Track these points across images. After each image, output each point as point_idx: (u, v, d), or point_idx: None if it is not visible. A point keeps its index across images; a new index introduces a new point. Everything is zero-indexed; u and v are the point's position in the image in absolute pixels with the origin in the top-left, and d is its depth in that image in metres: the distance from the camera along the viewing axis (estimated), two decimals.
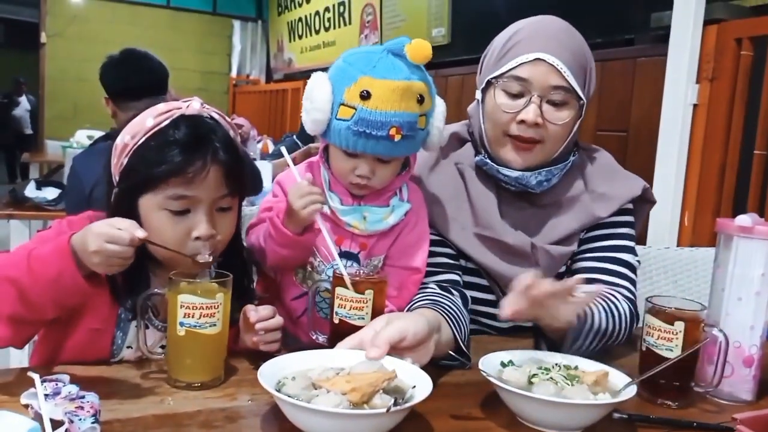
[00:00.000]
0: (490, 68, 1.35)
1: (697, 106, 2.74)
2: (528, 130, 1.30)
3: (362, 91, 1.19)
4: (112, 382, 1.04)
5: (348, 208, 1.30)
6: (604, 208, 1.41)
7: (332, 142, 1.27)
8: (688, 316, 1.12)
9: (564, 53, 1.29)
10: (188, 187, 1.09)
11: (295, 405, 0.86)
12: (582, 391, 0.99)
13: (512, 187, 1.38)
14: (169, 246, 1.10)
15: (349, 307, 1.15)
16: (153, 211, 1.12)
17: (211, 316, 1.03)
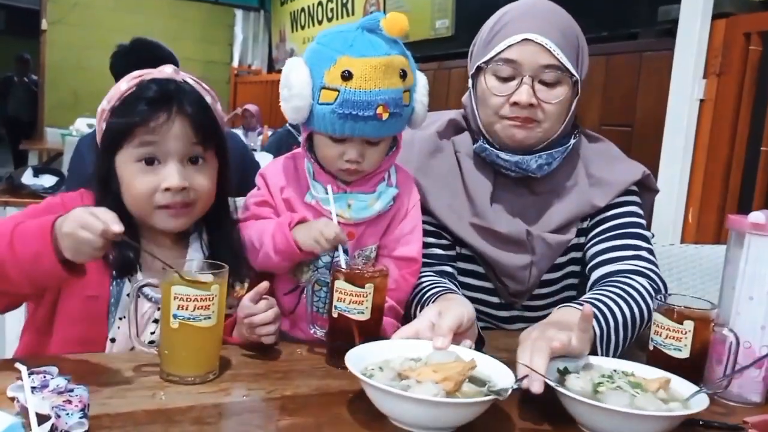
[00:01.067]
0: (479, 53, 1.34)
1: (704, 101, 2.70)
2: (522, 111, 1.28)
3: (343, 71, 1.15)
4: (102, 375, 1.01)
5: (337, 197, 1.25)
6: (602, 195, 1.38)
7: (317, 130, 1.22)
8: (697, 315, 1.09)
9: (552, 32, 1.28)
10: (153, 134, 1.13)
11: (398, 395, 0.87)
12: (652, 400, 0.95)
13: (512, 172, 1.36)
14: (139, 199, 1.14)
15: (349, 300, 1.11)
16: (126, 165, 1.15)
17: (206, 309, 1.00)
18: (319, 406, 0.98)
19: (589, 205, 1.38)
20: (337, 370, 1.12)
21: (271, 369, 1.10)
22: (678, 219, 2.79)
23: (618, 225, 1.38)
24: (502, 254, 1.36)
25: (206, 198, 1.20)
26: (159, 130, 1.13)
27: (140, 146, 1.14)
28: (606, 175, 1.40)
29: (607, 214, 1.39)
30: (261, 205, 1.30)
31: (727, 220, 1.15)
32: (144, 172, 1.14)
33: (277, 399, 0.99)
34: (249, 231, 1.27)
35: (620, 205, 1.40)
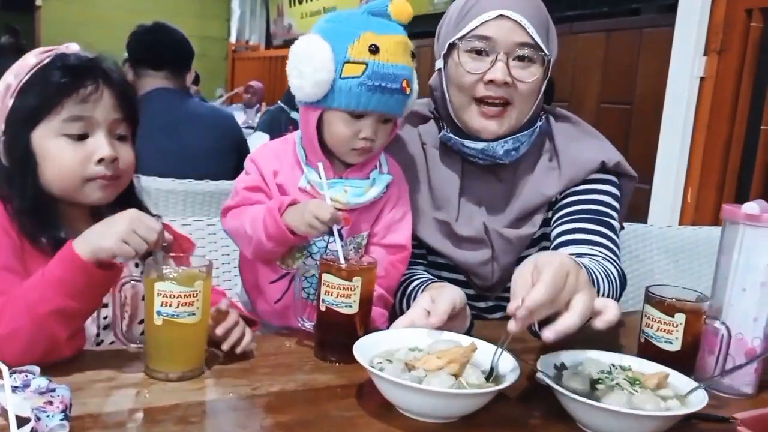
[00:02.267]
0: (451, 31, 1.30)
1: (704, 78, 2.67)
2: (498, 90, 1.26)
3: (370, 45, 1.17)
4: (86, 373, 1.00)
5: (328, 182, 1.24)
6: (558, 182, 1.35)
7: (335, 107, 1.20)
8: (689, 307, 1.08)
9: (527, 9, 1.25)
10: (84, 106, 1.09)
11: (413, 388, 0.89)
12: (651, 398, 0.94)
13: (479, 160, 1.33)
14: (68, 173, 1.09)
15: (336, 294, 1.10)
16: (49, 140, 1.10)
17: (190, 305, 0.99)
18: (305, 403, 0.97)
19: (539, 195, 1.34)
20: (325, 363, 1.11)
21: (258, 363, 1.09)
22: (677, 198, 2.77)
23: (588, 210, 1.34)
24: (459, 252, 1.34)
25: (129, 173, 1.18)
26: (88, 102, 1.09)
27: (69, 120, 1.09)
28: (571, 153, 1.36)
29: (574, 198, 1.35)
30: (252, 191, 1.28)
31: (722, 210, 1.13)
32: (72, 145, 1.10)
33: (262, 396, 0.98)
34: (241, 218, 1.25)
35: (590, 191, 1.36)
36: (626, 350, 1.17)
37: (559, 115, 1.43)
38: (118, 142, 1.14)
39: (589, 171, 1.35)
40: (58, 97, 1.08)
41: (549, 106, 1.44)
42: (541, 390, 1.00)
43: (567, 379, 1.00)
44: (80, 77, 1.09)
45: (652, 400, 0.93)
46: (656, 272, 2.03)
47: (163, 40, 2.51)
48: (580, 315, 0.94)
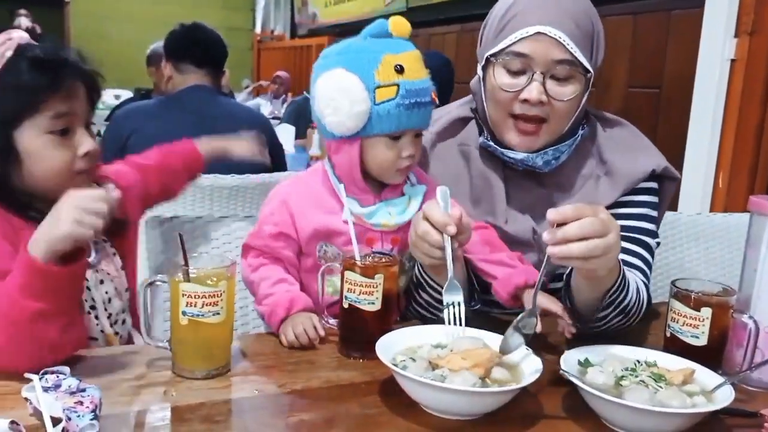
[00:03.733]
0: (489, 43, 1.27)
1: (735, 61, 2.60)
2: (532, 108, 1.23)
3: (396, 65, 1.16)
4: (114, 372, 1.02)
5: (372, 209, 1.24)
6: (611, 190, 1.32)
7: (375, 133, 1.18)
8: (715, 301, 1.06)
9: (567, 23, 1.20)
10: (66, 102, 1.12)
11: (436, 386, 0.90)
12: (677, 395, 0.93)
13: (519, 167, 1.31)
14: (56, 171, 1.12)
15: (359, 291, 1.11)
16: (34, 139, 1.12)
17: (214, 305, 1.00)
18: (329, 400, 0.98)
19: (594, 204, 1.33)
20: (348, 360, 1.12)
21: (283, 361, 1.11)
22: (708, 184, 2.71)
23: (624, 227, 1.29)
24: None
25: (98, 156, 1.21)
26: (70, 96, 1.12)
27: (55, 118, 1.11)
28: (618, 165, 1.33)
29: (615, 212, 1.32)
30: (276, 239, 1.25)
31: (749, 202, 1.10)
32: (56, 143, 1.12)
33: (287, 393, 0.99)
34: (255, 285, 1.25)
35: (631, 204, 1.33)
36: (652, 344, 1.16)
37: (603, 118, 1.40)
38: (87, 131, 1.18)
39: (641, 181, 1.33)
40: (45, 94, 1.10)
41: (597, 111, 1.40)
42: (564, 387, 1.00)
43: (591, 375, 0.99)
44: (60, 75, 1.11)
45: (677, 397, 0.92)
46: (686, 261, 2.00)
47: (203, 39, 2.57)
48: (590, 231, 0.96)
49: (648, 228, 1.33)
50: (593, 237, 0.96)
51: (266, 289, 1.23)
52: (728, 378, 0.98)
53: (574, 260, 0.99)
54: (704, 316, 1.05)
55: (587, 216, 0.97)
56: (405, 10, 5.10)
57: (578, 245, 0.96)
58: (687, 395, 0.94)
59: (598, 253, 0.97)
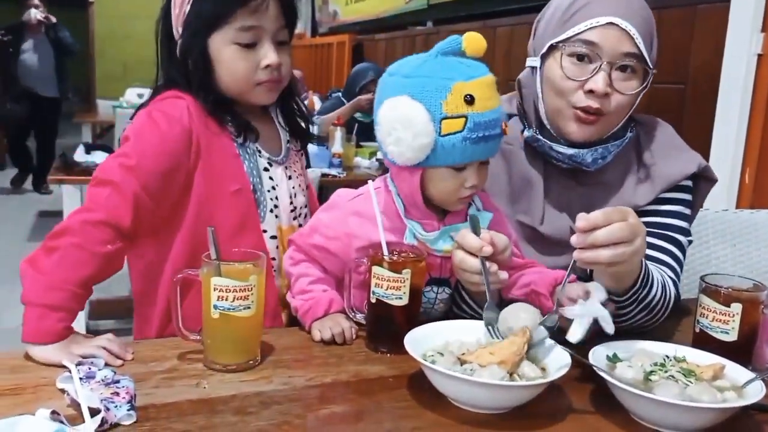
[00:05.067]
0: (552, 31, 1.25)
1: (762, 56, 2.56)
2: (596, 101, 1.21)
3: (465, 96, 1.09)
4: (147, 364, 1.04)
5: (435, 235, 1.19)
6: (648, 192, 1.31)
7: (438, 165, 1.13)
8: (745, 297, 1.06)
9: (635, 17, 1.19)
10: (254, 16, 1.21)
11: (464, 379, 0.91)
12: (707, 390, 0.93)
13: (563, 164, 1.30)
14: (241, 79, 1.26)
15: (387, 286, 1.12)
16: (223, 47, 1.23)
17: (245, 299, 1.02)
18: (357, 394, 1.00)
19: (632, 204, 1.29)
20: (376, 354, 1.13)
21: (312, 354, 1.12)
22: (734, 180, 2.68)
23: (658, 224, 1.31)
24: (543, 258, 1.30)
25: (288, 75, 1.32)
26: (257, 11, 1.21)
27: (241, 30, 1.22)
28: (658, 167, 1.32)
29: (650, 208, 1.32)
30: (320, 251, 1.24)
31: None
32: (243, 53, 1.23)
33: (316, 386, 1.00)
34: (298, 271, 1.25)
35: (665, 201, 1.33)
36: (681, 340, 1.16)
37: (648, 123, 1.39)
38: (279, 47, 1.27)
39: (683, 176, 1.33)
40: (233, 7, 1.20)
41: (640, 116, 1.39)
42: (593, 381, 1.00)
43: (620, 370, 0.99)
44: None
45: (708, 392, 0.92)
46: (713, 258, 1.98)
47: None
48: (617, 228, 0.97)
49: (681, 225, 1.33)
50: (621, 243, 0.97)
51: (304, 286, 1.23)
52: (759, 374, 0.97)
53: (601, 265, 0.99)
54: (734, 311, 1.05)
55: (615, 221, 0.98)
56: (426, 7, 5.09)
57: (606, 251, 0.97)
58: (717, 390, 0.93)
59: (625, 259, 0.99)
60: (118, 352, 1.05)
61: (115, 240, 1.12)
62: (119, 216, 1.13)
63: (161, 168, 1.19)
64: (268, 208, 1.32)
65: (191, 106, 1.23)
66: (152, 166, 1.18)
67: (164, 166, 1.19)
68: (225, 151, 1.27)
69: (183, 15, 1.24)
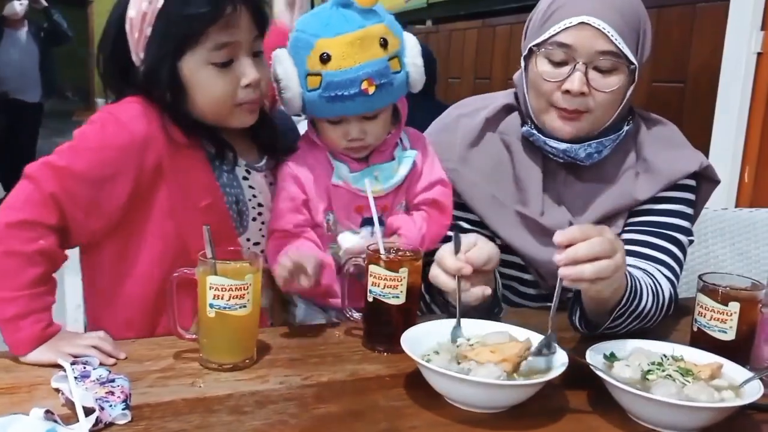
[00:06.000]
0: (533, 34, 1.26)
1: (762, 54, 2.56)
2: (573, 100, 1.22)
3: (321, 54, 1.14)
4: (143, 363, 1.04)
5: (358, 174, 1.24)
6: (648, 186, 1.31)
7: (313, 115, 1.24)
8: (743, 296, 1.06)
9: (612, 14, 1.19)
10: (227, 32, 1.10)
11: (463, 380, 0.91)
12: (704, 389, 0.92)
13: (559, 158, 1.31)
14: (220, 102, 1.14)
15: (384, 285, 1.11)
16: (197, 69, 1.12)
17: (241, 298, 1.01)
18: (354, 393, 0.99)
19: (631, 198, 1.31)
20: (373, 353, 1.13)
21: (308, 353, 1.11)
22: (733, 179, 2.68)
23: (657, 223, 1.31)
24: (543, 250, 1.30)
25: (267, 90, 1.22)
26: (230, 25, 1.10)
27: (215, 49, 1.11)
28: (659, 163, 1.32)
29: (651, 207, 1.32)
30: (298, 212, 1.26)
31: None
32: (220, 73, 1.13)
33: (312, 386, 1.00)
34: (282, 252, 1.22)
35: (667, 200, 1.32)
36: (679, 339, 1.15)
37: (648, 118, 1.39)
38: (256, 59, 1.16)
39: (679, 179, 1.32)
40: (204, 24, 1.08)
41: (641, 110, 1.39)
42: (590, 380, 0.99)
43: (617, 369, 0.99)
44: (219, 3, 1.08)
45: (705, 391, 0.92)
46: (711, 256, 1.97)
47: None
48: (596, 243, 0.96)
49: (681, 225, 1.32)
50: (602, 257, 0.96)
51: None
52: (757, 373, 0.97)
53: (585, 282, 0.98)
54: (732, 310, 1.05)
55: (593, 236, 0.97)
56: (425, 6, 5.08)
57: (589, 267, 0.95)
58: (715, 390, 0.93)
59: (608, 274, 0.97)
60: (110, 350, 1.04)
61: (44, 235, 1.05)
62: (41, 214, 1.05)
63: (92, 176, 1.08)
64: (250, 216, 1.24)
65: (153, 113, 1.13)
66: (82, 172, 1.08)
67: (96, 174, 1.09)
68: (194, 163, 1.17)
69: (144, 39, 1.12)
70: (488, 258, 1.13)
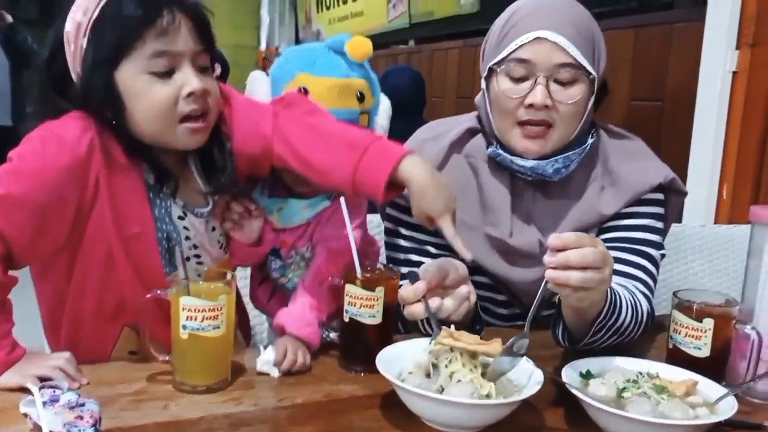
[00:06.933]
0: (491, 54, 1.28)
1: (737, 73, 2.60)
2: (538, 113, 1.23)
3: (299, 88, 1.18)
4: (115, 386, 1.02)
5: (268, 201, 1.27)
6: (614, 200, 1.31)
7: None
8: (717, 312, 1.06)
9: (566, 28, 1.21)
10: (164, 39, 1.03)
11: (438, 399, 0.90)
12: (679, 406, 0.92)
13: (527, 176, 1.31)
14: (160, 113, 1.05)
15: (360, 305, 1.11)
16: (135, 79, 1.04)
17: (215, 319, 1.00)
18: (330, 414, 0.98)
19: (597, 213, 1.32)
20: (350, 374, 1.12)
21: (285, 374, 1.10)
22: (711, 195, 2.71)
23: (628, 238, 1.31)
24: (514, 270, 1.31)
25: (217, 109, 1.13)
26: (168, 32, 1.03)
27: (153, 57, 1.03)
28: (624, 173, 1.32)
29: (620, 223, 1.32)
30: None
31: (750, 212, 1.10)
32: (159, 81, 1.04)
33: (287, 408, 0.99)
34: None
35: (637, 215, 1.33)
36: (655, 356, 1.15)
37: (611, 131, 1.40)
38: (202, 74, 1.09)
39: (646, 192, 1.33)
40: (136, 32, 1.02)
41: (601, 123, 1.40)
42: (566, 399, 0.99)
43: (593, 387, 0.99)
44: (155, 9, 1.03)
45: (680, 408, 0.92)
46: (690, 273, 1.99)
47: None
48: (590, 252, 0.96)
49: (652, 240, 1.33)
50: (592, 267, 0.96)
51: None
52: (731, 389, 0.97)
53: (569, 288, 0.97)
54: (706, 327, 1.05)
55: (587, 245, 0.97)
56: (408, 26, 5.13)
57: (577, 274, 0.95)
58: (689, 407, 0.93)
59: (593, 285, 0.97)
60: (72, 374, 1.01)
61: None
62: None
63: (36, 201, 1.01)
64: (184, 255, 1.15)
65: (95, 131, 1.06)
66: (24, 198, 1.00)
67: (40, 199, 1.01)
68: (131, 187, 1.10)
69: (80, 50, 1.05)
70: (439, 267, 1.12)
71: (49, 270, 1.13)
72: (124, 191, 1.09)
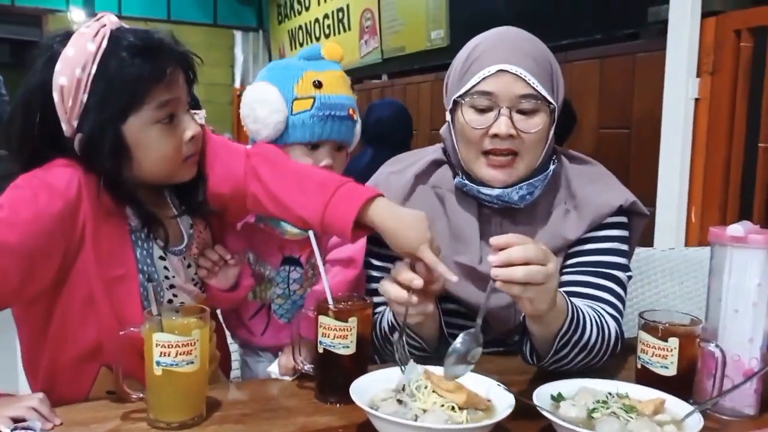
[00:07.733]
0: (455, 87, 1.32)
1: (699, 100, 2.69)
2: (503, 142, 1.26)
3: (314, 81, 1.32)
4: (89, 425, 1.02)
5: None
6: (577, 224, 1.35)
7: (293, 140, 1.35)
8: (681, 331, 1.09)
9: (526, 61, 1.26)
10: (169, 89, 1.10)
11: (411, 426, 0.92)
12: (647, 425, 0.94)
13: (495, 204, 1.34)
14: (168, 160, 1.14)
15: (333, 335, 1.12)
16: (144, 130, 1.10)
17: (188, 354, 1.01)
18: None
19: (562, 238, 1.34)
20: (325, 405, 1.12)
21: (260, 407, 1.11)
22: (680, 220, 2.77)
23: (595, 262, 1.34)
24: (483, 296, 1.32)
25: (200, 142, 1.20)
26: (171, 83, 1.10)
27: (159, 108, 1.09)
28: (586, 196, 1.36)
29: (586, 247, 1.35)
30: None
31: (709, 233, 1.14)
32: (166, 131, 1.12)
33: None
34: None
35: (602, 239, 1.36)
36: (626, 377, 1.18)
37: (572, 156, 1.44)
38: (189, 115, 1.17)
39: (608, 215, 1.36)
40: (148, 85, 1.07)
41: (561, 148, 1.44)
42: (538, 421, 1.00)
43: (564, 408, 1.00)
44: (159, 63, 1.08)
45: (648, 427, 0.94)
46: (662, 296, 2.02)
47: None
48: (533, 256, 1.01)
49: (618, 262, 1.36)
50: (535, 262, 1.01)
51: None
52: (698, 407, 0.99)
53: (515, 286, 1.01)
54: (672, 346, 1.07)
55: (529, 243, 1.03)
56: (380, 61, 5.21)
57: (522, 269, 1.00)
58: (657, 425, 0.95)
59: (539, 280, 1.01)
60: (47, 414, 1.00)
61: None
62: None
63: (26, 248, 1.03)
64: (166, 298, 1.21)
65: (82, 177, 1.09)
66: (16, 246, 1.02)
67: (31, 246, 1.03)
68: (116, 232, 1.13)
69: (80, 106, 1.07)
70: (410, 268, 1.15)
71: (29, 311, 1.14)
72: (109, 235, 1.12)
